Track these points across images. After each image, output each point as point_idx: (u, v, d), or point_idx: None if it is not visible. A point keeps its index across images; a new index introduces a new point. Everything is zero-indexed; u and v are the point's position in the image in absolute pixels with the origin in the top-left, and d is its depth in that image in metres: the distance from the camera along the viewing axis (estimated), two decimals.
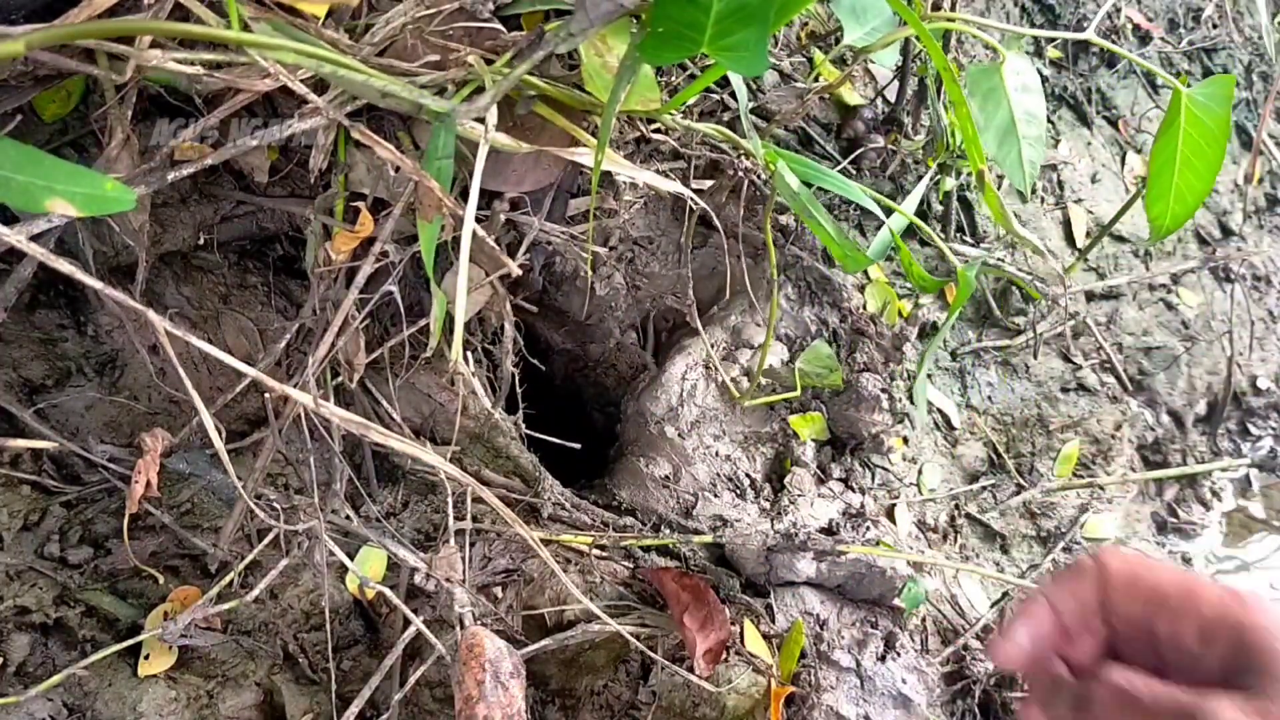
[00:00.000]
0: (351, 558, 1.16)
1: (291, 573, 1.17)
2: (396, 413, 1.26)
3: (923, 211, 1.74)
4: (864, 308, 1.59)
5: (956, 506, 1.68)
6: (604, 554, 1.27)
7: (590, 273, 1.41)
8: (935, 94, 1.57)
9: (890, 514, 1.53)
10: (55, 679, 0.99)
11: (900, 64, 1.60)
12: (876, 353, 1.52)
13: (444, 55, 0.99)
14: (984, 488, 1.73)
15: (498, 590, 1.20)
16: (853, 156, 1.60)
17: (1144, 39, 2.17)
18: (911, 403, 1.66)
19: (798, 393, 1.46)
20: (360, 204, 1.09)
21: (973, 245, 1.76)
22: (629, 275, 1.48)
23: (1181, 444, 2.04)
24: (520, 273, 1.14)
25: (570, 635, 1.16)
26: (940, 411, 1.71)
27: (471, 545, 1.22)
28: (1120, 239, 2.02)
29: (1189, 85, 1.13)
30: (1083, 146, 2.03)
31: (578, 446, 1.34)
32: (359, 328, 1.14)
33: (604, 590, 1.22)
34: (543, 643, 1.14)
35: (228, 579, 1.09)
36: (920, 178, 1.66)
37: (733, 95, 1.39)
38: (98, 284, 0.78)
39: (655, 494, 1.38)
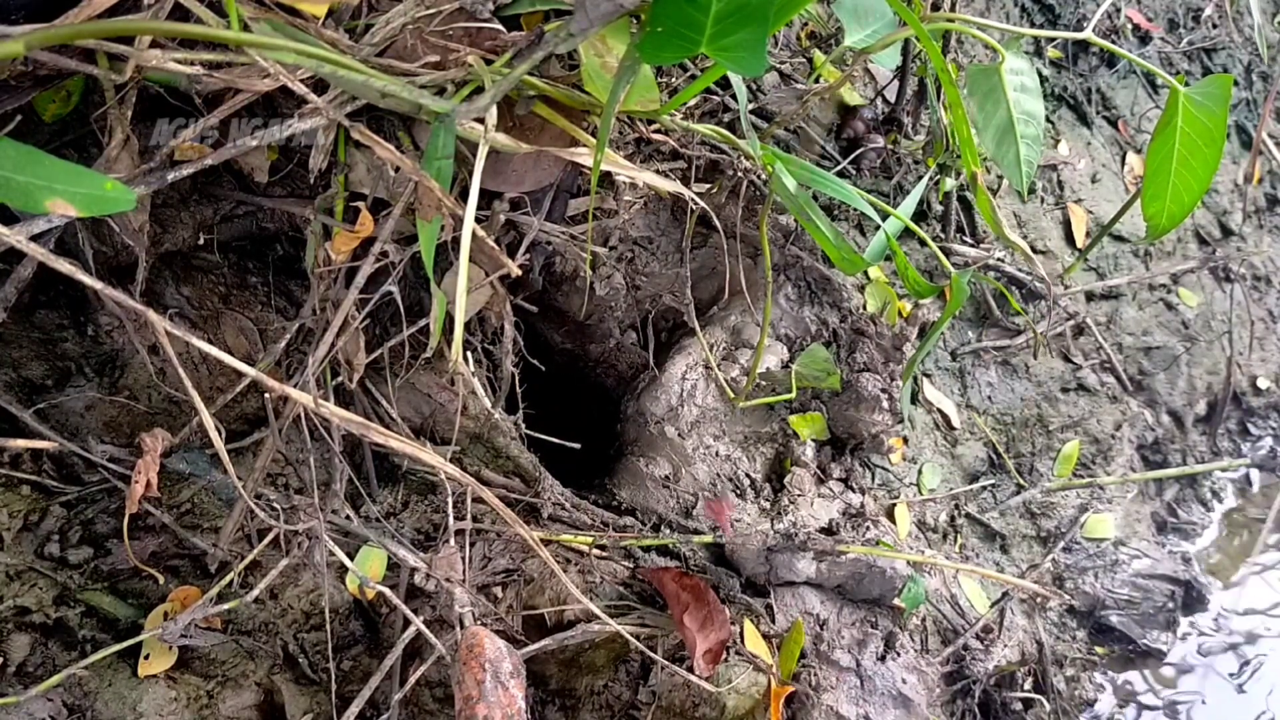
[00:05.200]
0: (351, 558, 1.16)
1: (291, 573, 1.17)
2: (396, 413, 1.26)
3: (923, 211, 1.74)
4: (864, 308, 1.59)
5: (956, 506, 1.68)
6: (604, 554, 1.27)
7: (590, 273, 1.41)
8: (935, 94, 1.58)
9: (890, 514, 1.53)
10: (55, 679, 0.99)
11: (900, 64, 1.60)
12: (876, 353, 1.52)
13: (444, 55, 0.99)
14: (984, 488, 1.73)
15: (498, 590, 1.20)
16: (853, 156, 1.61)
17: (1144, 39, 2.17)
18: (914, 403, 1.66)
19: (793, 395, 1.46)
20: (360, 204, 1.10)
21: (972, 245, 1.76)
22: (629, 275, 1.48)
23: (1181, 444, 2.04)
24: (520, 273, 1.14)
25: (570, 635, 1.16)
26: (940, 411, 1.71)
27: (471, 545, 1.22)
28: (1120, 239, 2.02)
29: (1187, 85, 1.13)
30: (1083, 146, 2.03)
31: (578, 446, 1.34)
32: (359, 328, 1.14)
33: (604, 590, 1.22)
34: (543, 643, 1.14)
35: (228, 579, 1.09)
36: (920, 177, 1.66)
37: (734, 96, 1.39)
38: (98, 284, 0.78)
39: (655, 494, 1.38)
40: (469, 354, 1.29)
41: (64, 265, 0.76)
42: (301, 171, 1.11)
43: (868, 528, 1.38)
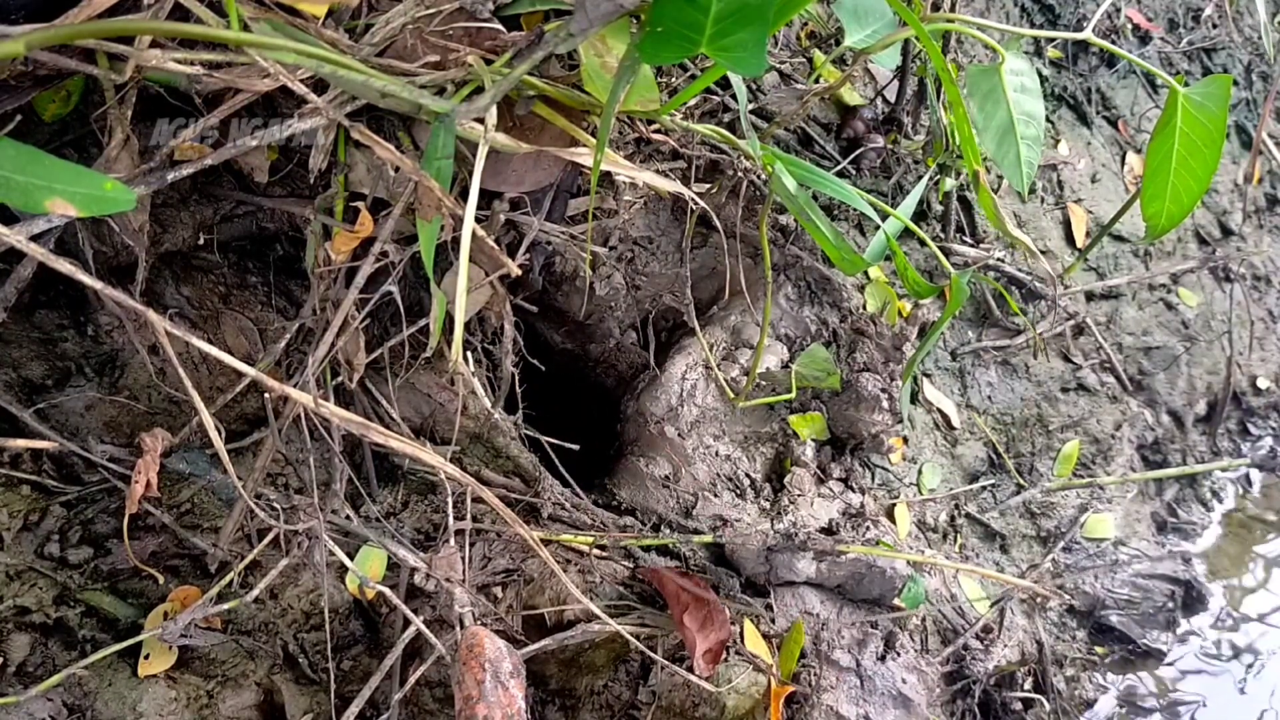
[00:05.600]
0: (351, 558, 1.16)
1: (291, 573, 1.17)
2: (396, 413, 1.26)
3: (923, 211, 1.74)
4: (864, 307, 1.59)
5: (956, 506, 1.68)
6: (604, 554, 1.27)
7: (590, 273, 1.41)
8: (935, 94, 1.58)
9: (890, 514, 1.53)
10: (55, 679, 0.99)
11: (900, 64, 1.60)
12: (876, 353, 1.52)
13: (444, 55, 0.99)
14: (984, 488, 1.73)
15: (498, 590, 1.20)
16: (853, 156, 1.61)
17: (1144, 39, 2.17)
18: (914, 403, 1.66)
19: (793, 395, 1.46)
20: (360, 204, 1.10)
21: (972, 245, 1.76)
22: (629, 275, 1.48)
23: (1181, 444, 2.03)
24: (520, 273, 1.14)
25: (570, 635, 1.16)
26: (940, 411, 1.71)
27: (471, 545, 1.22)
28: (1120, 239, 2.02)
29: (1187, 85, 1.13)
30: (1083, 146, 2.03)
31: (577, 447, 1.34)
32: (359, 328, 1.14)
33: (604, 590, 1.22)
34: (543, 643, 1.14)
35: (228, 579, 1.09)
36: (920, 177, 1.66)
37: (734, 96, 1.39)
38: (98, 284, 0.78)
39: (655, 494, 1.38)
40: (469, 354, 1.29)
41: (64, 265, 0.76)
42: (301, 171, 1.11)
43: (868, 528, 1.38)
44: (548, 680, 1.20)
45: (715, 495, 1.39)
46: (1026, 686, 1.48)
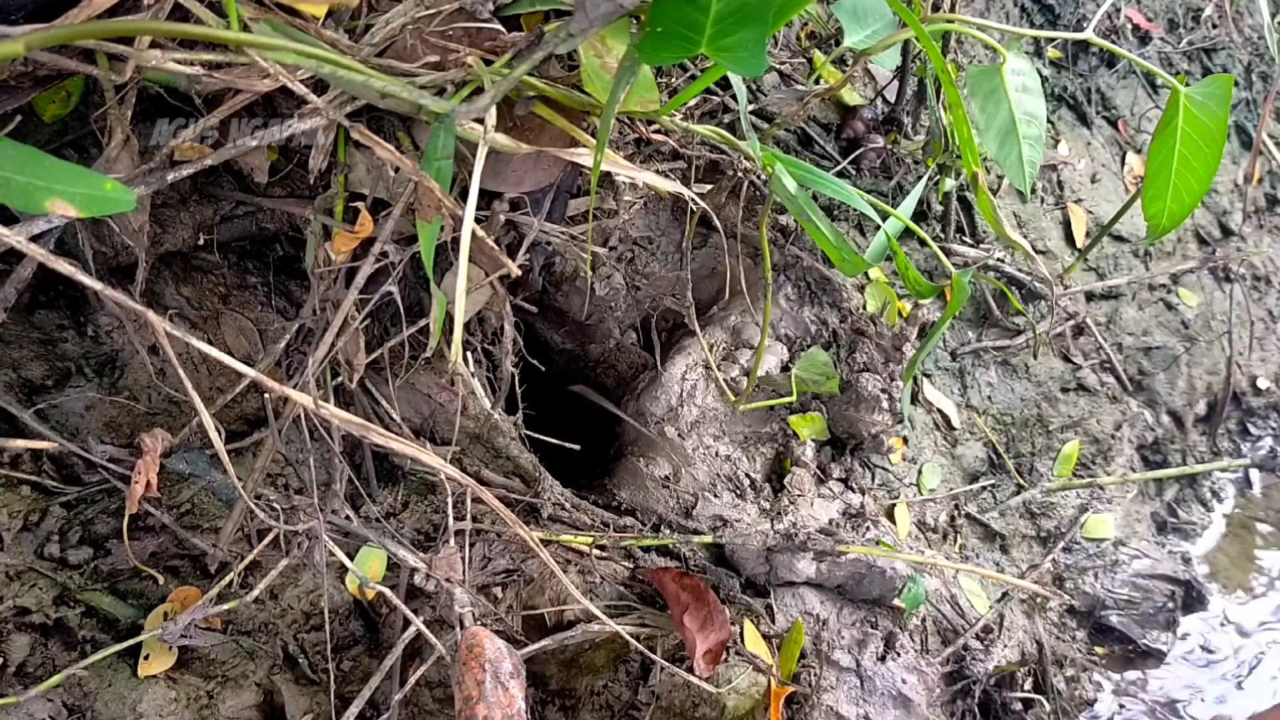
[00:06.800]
0: (351, 558, 1.16)
1: (291, 573, 1.17)
2: (396, 413, 1.26)
3: (923, 211, 1.74)
4: (864, 308, 1.59)
5: (956, 506, 1.68)
6: (604, 554, 1.27)
7: (590, 273, 1.41)
8: (935, 95, 1.58)
9: (890, 514, 1.53)
10: (55, 679, 0.99)
11: (900, 65, 1.60)
12: (876, 353, 1.52)
13: (444, 56, 0.99)
14: (984, 488, 1.73)
15: (498, 590, 1.20)
16: (853, 157, 1.60)
17: (1144, 39, 2.17)
18: (914, 403, 1.66)
19: (793, 398, 1.46)
20: (360, 204, 1.10)
21: (972, 245, 1.76)
22: (629, 275, 1.48)
23: (1181, 444, 2.04)
24: (520, 273, 1.14)
25: (570, 635, 1.16)
26: (940, 411, 1.71)
27: (471, 545, 1.22)
28: (1120, 239, 2.02)
29: (1187, 85, 1.13)
30: (1083, 146, 2.03)
31: (577, 447, 1.33)
32: (359, 328, 1.14)
33: (604, 590, 1.22)
34: (543, 643, 1.14)
35: (228, 579, 1.09)
36: (920, 177, 1.66)
37: (734, 96, 1.39)
38: (98, 284, 0.78)
39: (655, 494, 1.38)
40: (469, 354, 1.29)
41: (64, 266, 0.76)
42: (301, 171, 1.11)
43: (868, 528, 1.38)
44: (548, 680, 1.20)
45: (715, 495, 1.39)
46: (1026, 686, 1.48)
